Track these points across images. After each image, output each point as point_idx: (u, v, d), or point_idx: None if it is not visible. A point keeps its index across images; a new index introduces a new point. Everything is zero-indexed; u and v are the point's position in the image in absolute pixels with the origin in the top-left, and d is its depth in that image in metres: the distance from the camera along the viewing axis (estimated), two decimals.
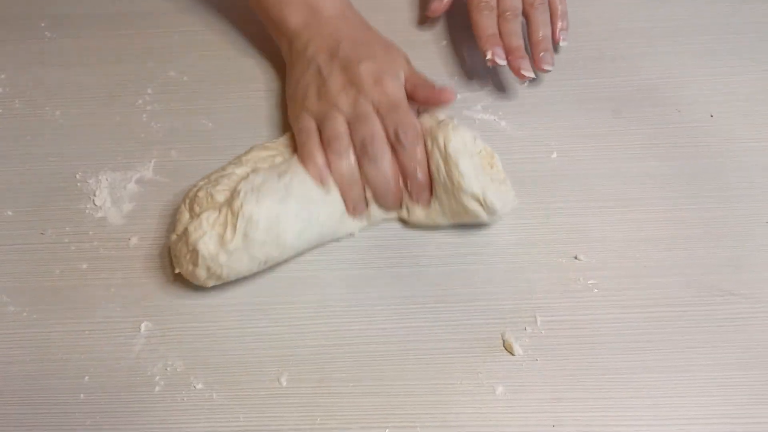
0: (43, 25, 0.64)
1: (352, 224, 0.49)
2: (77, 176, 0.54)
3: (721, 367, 0.44)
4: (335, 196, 0.47)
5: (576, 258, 0.48)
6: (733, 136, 0.54)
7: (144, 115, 0.57)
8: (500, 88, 0.58)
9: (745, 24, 0.61)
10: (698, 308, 0.46)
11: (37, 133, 0.56)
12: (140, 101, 0.58)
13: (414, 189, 0.48)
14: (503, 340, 0.45)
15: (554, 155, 0.53)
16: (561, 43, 0.58)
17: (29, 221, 0.52)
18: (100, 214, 0.52)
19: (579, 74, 0.58)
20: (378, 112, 0.48)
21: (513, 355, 0.45)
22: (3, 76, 0.60)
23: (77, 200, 0.52)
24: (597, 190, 0.52)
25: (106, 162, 0.54)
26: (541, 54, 0.56)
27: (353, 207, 0.48)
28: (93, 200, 0.52)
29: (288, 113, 0.53)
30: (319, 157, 0.47)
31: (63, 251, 0.50)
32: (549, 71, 0.56)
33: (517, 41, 0.56)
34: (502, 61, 0.55)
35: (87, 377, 0.45)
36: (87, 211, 0.52)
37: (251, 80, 0.59)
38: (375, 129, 0.47)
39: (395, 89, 0.50)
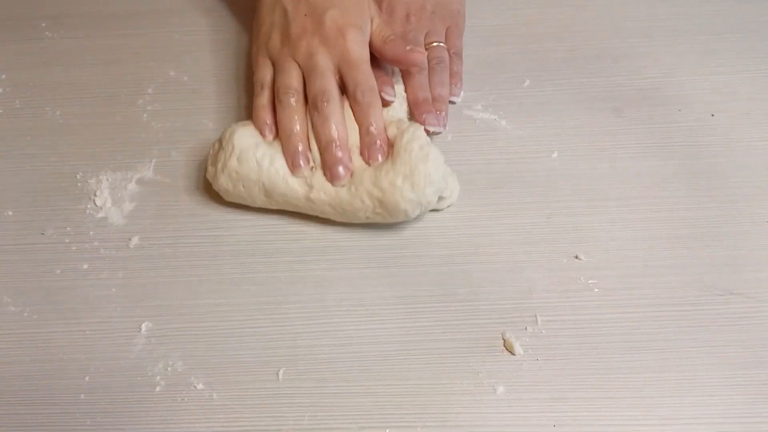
0: (43, 25, 0.64)
1: (296, 186, 0.48)
2: (78, 176, 0.54)
3: (721, 367, 0.44)
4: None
5: (576, 258, 0.48)
6: (733, 136, 0.54)
7: (144, 115, 0.57)
8: (500, 87, 0.58)
9: (745, 24, 0.61)
10: (699, 308, 0.46)
11: (37, 133, 0.56)
12: (140, 101, 0.58)
13: (367, 144, 0.47)
14: (504, 340, 0.45)
15: (554, 155, 0.53)
16: (454, 99, 0.56)
17: (29, 221, 0.52)
18: (100, 214, 0.52)
19: (579, 74, 0.58)
20: (337, 67, 0.49)
21: (513, 354, 0.45)
22: (3, 76, 0.60)
23: (78, 200, 0.52)
24: (597, 190, 0.52)
25: (106, 162, 0.54)
26: (424, 116, 0.53)
27: (291, 161, 0.48)
28: (93, 200, 0.52)
29: (251, 50, 0.54)
30: (266, 115, 0.49)
31: (63, 251, 0.50)
32: (437, 132, 0.53)
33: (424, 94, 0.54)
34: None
35: (87, 377, 0.45)
36: (87, 211, 0.52)
37: (251, 81, 0.59)
38: (328, 86, 0.48)
39: (358, 44, 0.49)
